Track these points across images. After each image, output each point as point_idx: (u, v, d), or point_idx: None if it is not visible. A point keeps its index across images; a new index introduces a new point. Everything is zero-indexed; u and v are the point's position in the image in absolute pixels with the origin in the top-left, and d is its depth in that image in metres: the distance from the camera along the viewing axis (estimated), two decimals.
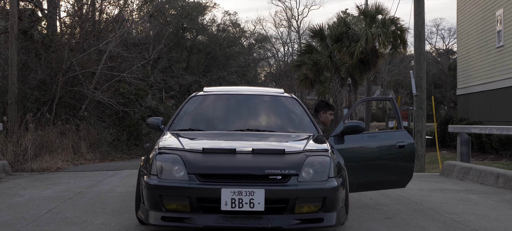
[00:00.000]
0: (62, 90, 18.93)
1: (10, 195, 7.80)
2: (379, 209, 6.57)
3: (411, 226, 5.59)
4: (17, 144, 12.55)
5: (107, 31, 21.78)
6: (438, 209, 6.66)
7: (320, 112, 7.17)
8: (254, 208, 4.73)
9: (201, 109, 6.32)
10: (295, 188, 4.80)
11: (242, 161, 4.94)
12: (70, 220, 5.82)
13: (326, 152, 5.16)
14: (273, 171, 4.83)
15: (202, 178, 4.84)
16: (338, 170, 5.09)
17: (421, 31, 16.30)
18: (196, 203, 4.78)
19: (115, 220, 5.80)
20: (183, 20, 36.83)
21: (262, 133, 5.87)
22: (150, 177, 4.95)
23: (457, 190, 8.58)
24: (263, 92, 6.74)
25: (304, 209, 4.83)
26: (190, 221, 4.79)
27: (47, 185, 9.02)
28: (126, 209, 6.47)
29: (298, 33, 63.52)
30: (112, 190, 8.23)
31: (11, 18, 16.32)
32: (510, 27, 21.00)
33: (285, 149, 5.09)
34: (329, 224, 4.89)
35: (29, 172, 11.47)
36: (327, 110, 7.19)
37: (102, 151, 17.84)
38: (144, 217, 5.03)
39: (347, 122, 6.12)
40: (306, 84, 29.73)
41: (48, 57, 18.99)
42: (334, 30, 28.36)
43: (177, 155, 5.01)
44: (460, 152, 11.27)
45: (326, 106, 7.22)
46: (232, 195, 4.73)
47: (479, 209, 6.74)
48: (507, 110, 21.47)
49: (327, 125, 7.26)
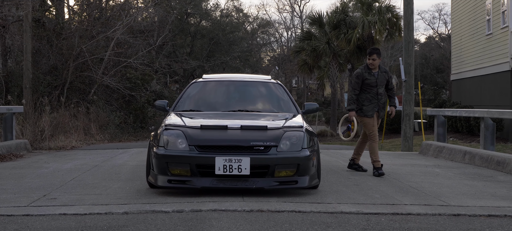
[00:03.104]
0: (73, 75, 20.11)
1: (36, 167, 9.02)
2: (351, 179, 7.76)
3: (373, 190, 6.77)
4: (35, 125, 13.76)
5: (114, 19, 22.89)
6: (402, 179, 7.84)
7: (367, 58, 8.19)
8: (242, 172, 5.94)
9: (200, 93, 7.54)
10: (274, 156, 6.00)
11: (232, 135, 6.14)
12: (92, 185, 7.03)
13: (301, 128, 6.36)
14: (257, 143, 6.03)
15: (200, 149, 6.04)
16: (310, 142, 6.27)
17: (410, 20, 17.24)
18: (195, 168, 5.98)
19: (129, 185, 7.00)
20: (187, 6, 37.83)
21: (250, 113, 7.08)
22: (158, 148, 6.16)
23: (426, 165, 9.76)
24: (253, 79, 7.96)
25: (282, 173, 6.03)
26: (191, 183, 6.01)
27: (66, 160, 10.24)
28: (138, 177, 7.67)
29: (301, 18, 64.37)
30: (124, 164, 9.44)
31: (25, 7, 17.46)
32: (498, 16, 22.03)
33: (267, 125, 6.28)
34: (302, 186, 6.10)
35: (47, 150, 12.70)
36: (367, 56, 8.18)
37: (110, 133, 19.04)
38: (153, 180, 6.24)
39: (306, 103, 7.42)
40: (305, 69, 30.85)
41: (59, 44, 20.16)
42: (332, 18, 29.41)
43: (180, 130, 6.21)
44: (436, 132, 12.43)
45: (367, 53, 8.23)
46: (224, 162, 5.93)
47: (437, 179, 7.91)
48: (495, 95, 22.57)
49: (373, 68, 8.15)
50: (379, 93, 8.18)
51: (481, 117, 10.50)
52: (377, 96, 8.16)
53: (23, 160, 10.22)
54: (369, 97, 8.15)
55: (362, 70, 8.19)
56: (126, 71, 22.08)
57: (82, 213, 5.33)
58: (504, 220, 5.31)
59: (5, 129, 11.96)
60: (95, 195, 6.28)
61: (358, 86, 8.16)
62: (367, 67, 8.18)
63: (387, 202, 5.98)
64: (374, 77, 8.15)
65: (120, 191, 6.57)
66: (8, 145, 11.14)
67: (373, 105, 8.17)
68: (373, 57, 8.10)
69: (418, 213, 5.47)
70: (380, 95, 8.19)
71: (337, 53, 30.20)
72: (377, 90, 8.16)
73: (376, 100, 8.16)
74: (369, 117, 8.18)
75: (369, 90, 8.14)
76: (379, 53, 8.19)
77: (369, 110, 8.17)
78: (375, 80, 8.14)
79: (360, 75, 8.16)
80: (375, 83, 8.13)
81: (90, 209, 5.47)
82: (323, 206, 5.65)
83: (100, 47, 21.73)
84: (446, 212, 5.51)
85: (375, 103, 8.16)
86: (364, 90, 8.16)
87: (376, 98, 8.16)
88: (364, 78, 8.13)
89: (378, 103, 8.20)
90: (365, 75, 8.14)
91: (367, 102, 8.15)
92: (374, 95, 8.15)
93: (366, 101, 8.15)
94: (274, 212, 5.37)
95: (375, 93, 8.15)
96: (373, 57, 8.10)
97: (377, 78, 8.15)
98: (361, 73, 8.16)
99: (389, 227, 4.90)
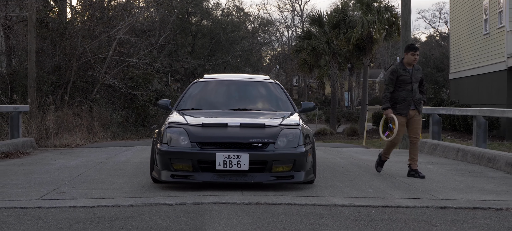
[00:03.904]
0: (76, 74, 20.44)
1: (43, 164, 9.36)
2: (346, 174, 8.10)
3: (366, 185, 7.10)
4: (41, 123, 14.11)
5: (117, 19, 23.23)
6: (395, 175, 8.18)
7: (404, 54, 7.90)
8: (241, 167, 6.27)
9: (201, 93, 7.89)
10: (272, 152, 6.34)
11: (232, 133, 6.48)
12: (98, 180, 7.37)
13: (297, 126, 6.69)
14: (255, 140, 6.36)
15: (201, 145, 6.38)
16: (306, 139, 6.61)
17: (407, 20, 17.52)
18: (197, 164, 6.32)
19: (133, 180, 7.34)
20: (188, 5, 38.16)
21: (249, 111, 7.42)
22: (162, 145, 6.50)
23: (419, 162, 10.05)
24: (252, 79, 8.31)
25: (279, 168, 6.37)
26: (193, 178, 6.35)
27: (72, 157, 10.58)
28: (141, 173, 8.00)
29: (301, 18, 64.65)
30: (128, 161, 9.78)
31: (30, 8, 17.79)
32: (495, 15, 22.35)
33: (265, 123, 6.62)
34: (298, 180, 6.44)
35: (52, 148, 13.05)
36: (408, 52, 7.81)
37: (113, 131, 19.38)
38: (157, 175, 6.58)
39: (303, 102, 7.74)
40: (305, 68, 31.20)
41: (63, 44, 20.49)
42: (332, 17, 29.75)
43: (182, 128, 6.55)
44: (431, 130, 12.76)
45: (407, 49, 7.86)
46: (224, 158, 6.27)
47: (429, 175, 8.24)
48: (492, 94, 22.89)
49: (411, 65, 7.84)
50: (414, 90, 7.85)
51: (473, 115, 10.82)
52: (412, 93, 7.83)
53: (30, 157, 10.56)
54: (403, 95, 7.82)
55: (396, 66, 7.88)
56: (128, 71, 22.43)
57: (90, 205, 5.66)
58: (488, 212, 5.64)
59: (11, 127, 12.31)
60: (101, 189, 6.62)
61: (392, 83, 7.83)
62: (402, 63, 7.90)
63: (379, 196, 6.32)
64: (408, 73, 7.83)
65: (126, 186, 6.90)
66: (15, 143, 11.48)
67: (407, 103, 7.85)
68: (418, 53, 7.83)
69: (407, 205, 5.80)
70: (415, 92, 7.86)
71: (337, 53, 30.53)
72: (412, 87, 7.83)
73: (410, 97, 7.84)
74: (403, 116, 7.87)
75: (403, 87, 7.81)
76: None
77: (403, 109, 7.86)
78: (410, 76, 7.81)
79: (395, 72, 7.84)
80: (409, 80, 7.82)
81: (98, 202, 5.81)
82: (317, 199, 5.98)
83: (102, 47, 22.07)
84: (433, 205, 5.84)
85: (409, 101, 7.85)
86: (397, 88, 7.84)
87: (410, 96, 7.84)
88: (399, 74, 7.80)
89: (413, 100, 7.87)
90: (400, 72, 7.80)
91: (401, 100, 7.84)
92: (409, 93, 7.84)
93: (400, 99, 7.84)
94: (271, 204, 5.71)
95: (410, 90, 7.84)
96: (418, 53, 7.83)
97: (411, 75, 7.84)
98: (396, 69, 7.86)
99: (378, 218, 5.24)
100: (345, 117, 41.75)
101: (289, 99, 7.82)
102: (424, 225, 5.01)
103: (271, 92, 7.93)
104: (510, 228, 4.98)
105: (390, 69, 7.95)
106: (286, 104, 7.72)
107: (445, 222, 5.16)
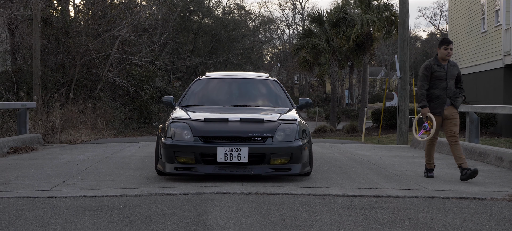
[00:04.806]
0: (80, 72, 20.82)
1: (51, 158, 9.74)
2: (341, 168, 8.46)
3: (360, 177, 7.47)
4: (46, 120, 14.49)
5: (119, 17, 23.60)
6: (389, 168, 8.54)
7: (437, 49, 7.49)
8: (241, 160, 6.65)
9: (203, 90, 8.26)
10: (270, 146, 6.71)
11: (232, 127, 6.85)
12: (105, 173, 7.74)
13: (295, 121, 7.07)
14: (255, 134, 6.74)
15: (203, 139, 6.75)
16: (303, 134, 6.98)
17: (405, 19, 17.86)
18: (199, 157, 6.70)
19: (139, 173, 7.71)
20: (190, 4, 38.53)
21: (249, 107, 7.80)
22: (166, 139, 6.87)
23: (413, 157, 10.46)
24: (251, 77, 8.68)
25: (277, 161, 6.74)
26: (195, 170, 6.73)
27: (78, 152, 10.96)
28: (146, 167, 8.37)
29: (302, 16, 64.95)
30: (133, 155, 10.16)
31: (35, 7, 18.16)
32: (492, 14, 22.69)
33: (264, 119, 7.00)
34: (295, 172, 6.82)
35: (58, 144, 13.43)
36: (441, 46, 7.43)
37: (116, 128, 19.76)
38: (162, 168, 6.96)
39: (301, 99, 8.09)
40: (306, 66, 31.57)
41: (67, 42, 20.88)
42: (332, 16, 30.11)
43: (186, 123, 6.92)
44: None
45: (440, 43, 7.49)
46: (225, 151, 6.64)
47: (420, 168, 8.60)
48: (489, 92, 23.24)
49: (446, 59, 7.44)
50: (449, 87, 7.42)
51: (466, 111, 11.17)
52: (447, 91, 7.40)
53: (38, 152, 10.94)
54: (436, 93, 7.40)
55: (430, 62, 7.47)
56: (131, 69, 22.81)
57: (99, 195, 6.04)
58: (473, 201, 6.00)
59: (19, 123, 12.68)
60: (109, 181, 7.00)
61: (427, 80, 7.42)
62: (436, 58, 7.48)
63: (371, 187, 6.69)
64: (443, 69, 7.42)
65: (132, 178, 7.28)
66: (22, 139, 11.86)
67: (441, 102, 7.41)
68: (451, 46, 7.43)
69: (397, 195, 6.17)
70: (450, 89, 7.42)
71: (337, 51, 30.89)
72: (447, 84, 7.39)
73: (445, 95, 7.41)
74: (437, 115, 7.43)
75: (437, 84, 7.40)
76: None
77: (437, 107, 7.42)
78: (445, 73, 7.40)
79: (429, 68, 7.43)
80: (444, 76, 7.40)
81: (106, 192, 6.18)
82: (313, 190, 6.35)
83: (105, 45, 22.44)
84: (422, 195, 6.21)
85: (443, 99, 7.41)
86: (431, 85, 7.42)
87: (445, 93, 7.41)
88: (433, 70, 7.40)
89: (448, 98, 7.43)
90: (434, 68, 7.41)
91: (434, 98, 7.41)
92: (443, 90, 7.41)
93: (434, 96, 7.42)
94: (269, 194, 6.07)
95: (445, 87, 7.40)
96: (451, 46, 7.43)
97: (446, 71, 7.42)
98: (430, 65, 7.45)
99: (369, 206, 5.60)
100: (345, 114, 42.12)
101: (287, 96, 8.20)
102: (411, 213, 5.37)
103: (270, 89, 8.31)
104: (491, 215, 5.34)
105: (423, 65, 7.56)
106: (284, 100, 8.10)
107: (432, 210, 5.52)
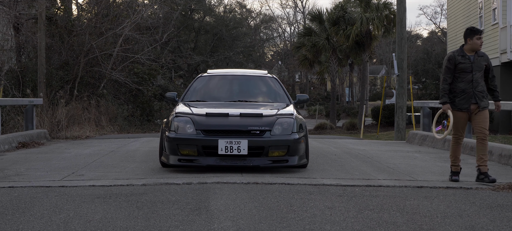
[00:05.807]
0: (83, 70, 21.22)
1: (59, 152, 10.13)
2: (337, 161, 8.85)
3: (354, 169, 7.86)
4: (52, 116, 14.88)
5: (122, 16, 24.00)
6: (383, 161, 8.92)
7: (467, 39, 6.78)
8: (241, 152, 7.04)
9: (205, 86, 8.66)
10: (268, 139, 7.10)
11: (233, 121, 7.25)
12: (111, 165, 8.13)
13: (292, 115, 7.46)
14: (254, 127, 7.13)
15: (205, 133, 7.14)
16: (300, 128, 7.36)
17: (402, 18, 18.20)
18: (201, 149, 7.09)
19: (144, 165, 8.10)
20: (191, 2, 38.90)
21: (249, 103, 8.20)
22: (170, 132, 7.26)
23: (408, 151, 10.84)
24: (251, 74, 9.08)
25: (275, 153, 7.13)
26: (197, 162, 7.12)
27: (84, 147, 11.35)
28: (150, 160, 8.76)
29: (303, 14, 65.30)
30: (137, 149, 10.55)
31: (40, 6, 18.55)
32: (489, 12, 23.05)
33: (262, 113, 7.39)
34: (292, 164, 7.21)
35: (64, 139, 13.82)
36: (473, 36, 6.73)
37: (119, 125, 20.16)
38: (165, 160, 7.35)
39: (298, 95, 8.45)
40: (306, 64, 31.95)
41: (71, 40, 21.28)
42: (332, 14, 30.48)
43: (188, 117, 7.32)
44: (422, 123, 13.50)
45: (470, 33, 6.77)
46: (225, 144, 7.03)
47: (413, 161, 8.99)
48: None
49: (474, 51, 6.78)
50: (475, 80, 6.71)
51: None
52: (472, 84, 6.71)
53: (45, 147, 11.33)
54: (461, 87, 6.74)
55: (454, 53, 6.82)
56: (134, 66, 23.21)
57: (107, 184, 6.43)
58: (459, 190, 6.38)
59: (26, 119, 13.07)
60: (116, 172, 7.39)
61: (450, 73, 6.77)
62: (461, 49, 6.82)
63: (364, 177, 7.07)
64: (469, 61, 6.73)
65: (137, 169, 7.67)
66: (30, 134, 12.25)
67: (467, 96, 6.75)
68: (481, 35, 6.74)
69: (388, 185, 6.55)
70: (476, 82, 6.71)
71: (337, 49, 31.25)
72: (473, 77, 6.69)
73: (471, 89, 6.73)
74: (463, 111, 6.79)
75: (462, 77, 6.72)
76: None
77: (463, 103, 6.76)
78: (470, 64, 6.70)
79: (452, 59, 6.76)
80: (470, 68, 6.71)
81: (114, 182, 6.57)
82: (308, 180, 6.74)
83: (108, 43, 22.82)
84: (411, 185, 6.59)
85: (469, 93, 6.74)
86: (455, 78, 6.76)
87: (471, 87, 6.72)
88: (457, 62, 6.72)
89: (474, 93, 6.74)
90: (458, 59, 6.72)
91: (459, 93, 6.76)
92: (469, 83, 6.72)
93: (458, 91, 6.77)
94: (267, 184, 6.46)
95: (470, 80, 6.71)
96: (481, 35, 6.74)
97: (472, 62, 6.72)
98: (453, 56, 6.78)
99: (360, 195, 5.98)
100: (345, 111, 42.49)
101: (285, 92, 8.58)
102: (399, 200, 5.75)
103: (269, 86, 8.70)
104: (474, 202, 5.72)
105: (446, 57, 6.93)
106: (283, 96, 8.48)
107: (419, 197, 5.90)
